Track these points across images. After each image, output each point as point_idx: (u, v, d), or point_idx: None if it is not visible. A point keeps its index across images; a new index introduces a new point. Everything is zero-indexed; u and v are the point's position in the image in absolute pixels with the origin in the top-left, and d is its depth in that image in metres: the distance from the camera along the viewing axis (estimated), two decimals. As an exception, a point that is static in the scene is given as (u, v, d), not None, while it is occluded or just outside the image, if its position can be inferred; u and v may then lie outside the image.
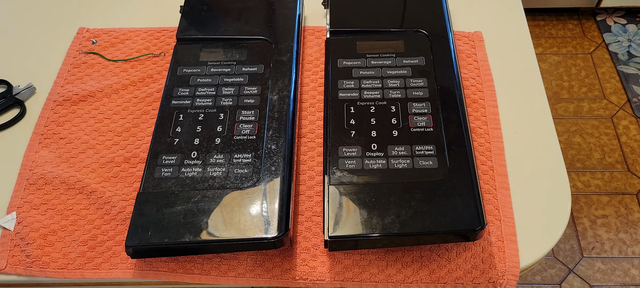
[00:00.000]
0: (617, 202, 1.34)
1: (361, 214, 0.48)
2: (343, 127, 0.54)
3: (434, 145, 0.52)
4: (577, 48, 1.67)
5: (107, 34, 0.70)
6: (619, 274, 1.23)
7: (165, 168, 0.52)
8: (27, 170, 0.57)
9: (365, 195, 0.49)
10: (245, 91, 0.58)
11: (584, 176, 1.39)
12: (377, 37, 0.63)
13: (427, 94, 0.57)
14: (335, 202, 0.49)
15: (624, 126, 1.47)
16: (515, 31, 0.69)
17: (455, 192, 0.49)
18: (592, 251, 1.27)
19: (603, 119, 1.50)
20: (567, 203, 0.54)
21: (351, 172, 0.51)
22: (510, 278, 0.49)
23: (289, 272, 0.50)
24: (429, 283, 0.49)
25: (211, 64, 0.61)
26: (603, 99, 1.54)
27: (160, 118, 0.56)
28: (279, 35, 0.64)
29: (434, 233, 0.47)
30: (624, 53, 1.63)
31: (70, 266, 0.51)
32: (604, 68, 1.61)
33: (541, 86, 0.63)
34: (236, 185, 0.50)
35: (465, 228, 0.47)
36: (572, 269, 1.24)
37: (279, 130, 0.54)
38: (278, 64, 0.60)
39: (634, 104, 1.51)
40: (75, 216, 0.54)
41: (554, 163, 0.57)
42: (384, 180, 0.50)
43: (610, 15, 1.73)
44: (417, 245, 0.51)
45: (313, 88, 0.63)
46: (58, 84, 0.65)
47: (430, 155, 0.51)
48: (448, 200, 0.48)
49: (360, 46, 0.62)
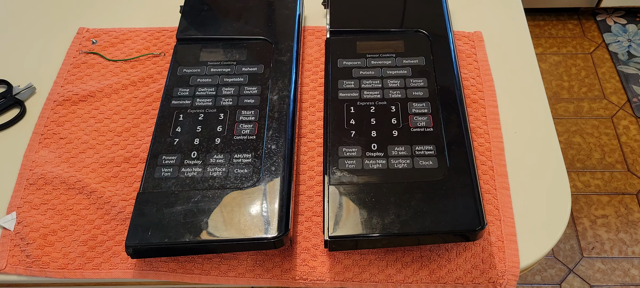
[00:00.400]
0: (617, 202, 1.34)
1: (361, 214, 0.48)
2: (343, 127, 0.54)
3: (434, 145, 0.52)
4: (577, 48, 1.67)
5: (107, 34, 0.70)
6: (619, 274, 1.23)
7: (165, 168, 0.52)
8: (27, 170, 0.57)
9: (365, 195, 0.49)
10: (245, 91, 0.58)
11: (584, 176, 1.39)
12: (377, 37, 0.63)
13: (427, 94, 0.57)
14: (335, 202, 0.49)
15: (624, 126, 1.47)
16: (515, 31, 0.69)
17: (455, 192, 0.49)
18: (592, 251, 1.27)
19: (603, 119, 1.50)
20: (567, 203, 0.54)
21: (351, 172, 0.51)
22: (510, 278, 0.49)
23: (289, 272, 0.50)
24: (429, 283, 0.49)
25: (211, 64, 0.61)
26: (603, 99, 1.54)
27: (160, 118, 0.56)
28: (279, 35, 0.64)
29: (434, 233, 0.47)
30: (624, 53, 1.63)
31: (70, 266, 0.51)
32: (604, 68, 1.61)
33: (541, 86, 0.63)
34: (236, 185, 0.50)
35: (465, 228, 0.47)
36: (572, 269, 1.24)
37: (279, 130, 0.54)
38: (278, 64, 0.60)
39: (634, 104, 1.51)
40: (75, 216, 0.54)
41: (554, 163, 0.57)
42: (384, 180, 0.50)
43: (610, 15, 1.73)
44: (417, 245, 0.51)
45: (313, 88, 0.63)
46: (58, 84, 0.65)
47: (430, 155, 0.51)
48: (448, 200, 0.48)
49: (360, 46, 0.62)
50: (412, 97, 0.56)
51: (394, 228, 0.46)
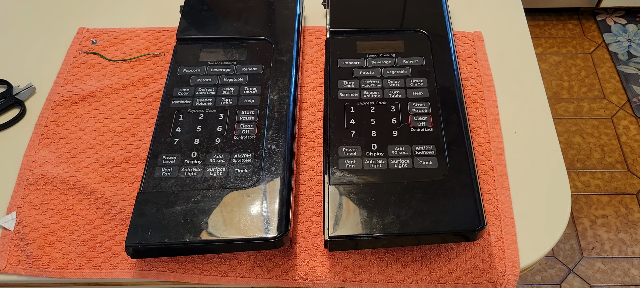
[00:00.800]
0: (617, 202, 1.34)
1: (361, 214, 0.48)
2: (343, 127, 0.54)
3: (434, 145, 0.52)
4: (577, 48, 1.67)
5: (107, 34, 0.70)
6: (619, 274, 1.23)
7: (165, 168, 0.52)
8: (27, 170, 0.57)
9: (365, 195, 0.49)
10: (245, 91, 0.58)
11: (584, 176, 1.39)
12: (377, 37, 0.63)
13: (427, 94, 0.57)
14: (335, 202, 0.49)
15: (624, 126, 1.47)
16: (515, 31, 0.69)
17: (455, 192, 0.49)
18: (592, 251, 1.27)
19: (603, 119, 1.50)
20: (567, 203, 0.54)
21: (351, 172, 0.51)
22: (510, 278, 0.49)
23: (289, 272, 0.50)
24: (429, 283, 0.49)
25: (211, 64, 0.61)
26: (603, 99, 1.54)
27: (160, 118, 0.56)
28: (279, 35, 0.64)
29: (434, 234, 0.47)
30: (624, 53, 1.63)
31: (70, 266, 0.51)
32: (604, 68, 1.61)
33: (541, 86, 0.63)
34: (236, 185, 0.50)
35: (465, 228, 0.47)
36: (572, 269, 1.24)
37: (279, 130, 0.54)
38: (278, 64, 0.60)
39: (634, 104, 1.51)
40: (75, 216, 0.54)
41: (554, 164, 0.57)
42: (384, 180, 0.50)
43: (610, 15, 1.73)
44: (417, 245, 0.51)
45: (313, 88, 0.63)
46: (58, 84, 0.65)
47: (430, 155, 0.51)
48: (448, 200, 0.48)
49: (360, 46, 0.62)
50: (412, 97, 0.56)
51: (393, 229, 0.46)
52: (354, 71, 0.59)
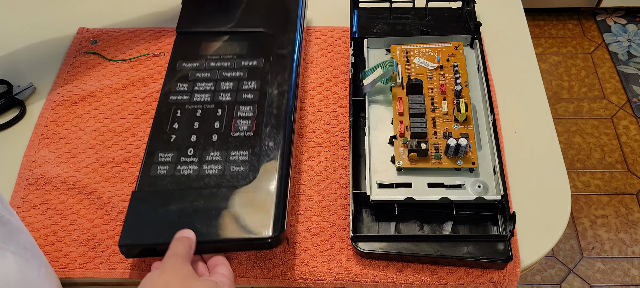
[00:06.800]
0: (617, 202, 1.34)
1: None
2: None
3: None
4: (577, 48, 1.67)
5: (107, 34, 0.70)
6: (619, 274, 1.23)
7: (161, 166, 0.52)
8: (27, 170, 0.57)
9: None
10: (244, 86, 0.57)
11: (584, 176, 1.39)
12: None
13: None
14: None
15: (624, 126, 1.47)
16: (515, 31, 0.69)
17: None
18: (592, 251, 1.27)
19: (603, 119, 1.50)
20: (567, 203, 0.54)
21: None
22: (511, 278, 0.49)
23: (288, 272, 0.50)
24: (430, 283, 0.49)
25: (211, 57, 0.60)
26: (603, 99, 1.54)
27: (158, 114, 0.56)
28: (280, 27, 0.62)
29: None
30: (624, 53, 1.63)
31: (70, 266, 0.51)
32: (604, 68, 1.61)
33: (541, 86, 0.63)
34: (232, 184, 0.50)
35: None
36: (572, 269, 1.24)
37: (277, 127, 0.54)
38: (278, 57, 0.59)
39: (634, 104, 1.51)
40: (75, 216, 0.54)
41: (554, 163, 0.56)
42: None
43: (610, 15, 1.73)
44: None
45: (313, 88, 0.63)
46: (58, 84, 0.65)
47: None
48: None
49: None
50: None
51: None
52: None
